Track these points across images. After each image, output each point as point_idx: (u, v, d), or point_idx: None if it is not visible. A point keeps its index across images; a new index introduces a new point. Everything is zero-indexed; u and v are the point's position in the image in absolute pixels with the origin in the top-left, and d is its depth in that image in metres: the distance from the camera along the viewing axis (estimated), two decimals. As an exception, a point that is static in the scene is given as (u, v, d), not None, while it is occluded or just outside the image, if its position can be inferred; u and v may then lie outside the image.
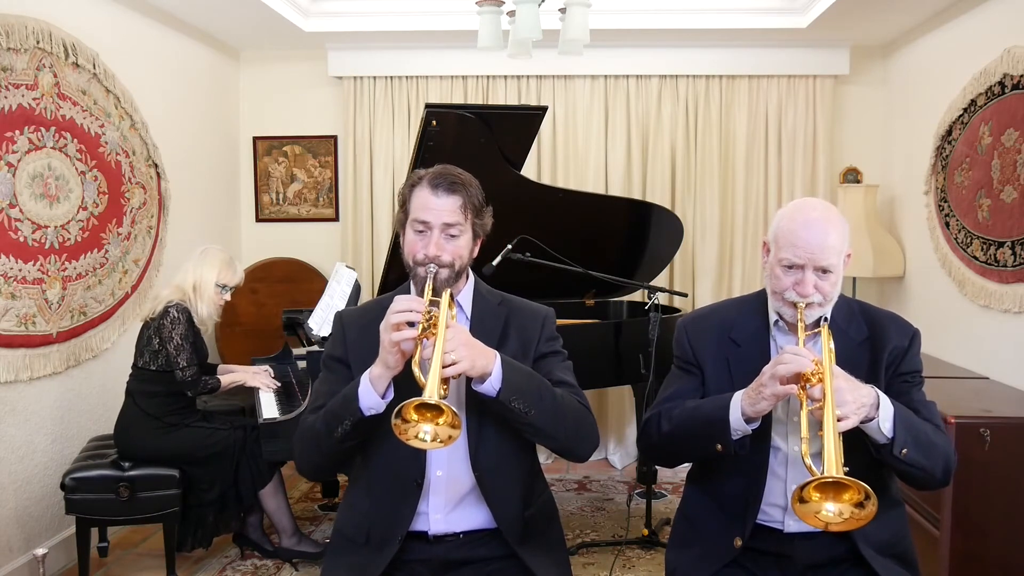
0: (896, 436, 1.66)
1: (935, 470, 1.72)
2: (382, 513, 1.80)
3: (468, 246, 1.80)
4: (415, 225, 1.76)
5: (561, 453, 1.80)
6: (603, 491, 4.36)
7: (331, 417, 1.72)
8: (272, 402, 3.35)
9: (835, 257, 1.73)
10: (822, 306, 1.76)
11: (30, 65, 3.12)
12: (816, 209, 1.77)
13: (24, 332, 3.12)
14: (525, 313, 1.89)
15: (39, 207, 3.19)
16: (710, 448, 1.76)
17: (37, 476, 3.26)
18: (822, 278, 1.73)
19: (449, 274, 1.75)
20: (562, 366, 1.87)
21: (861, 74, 4.82)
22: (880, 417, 1.65)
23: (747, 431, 1.73)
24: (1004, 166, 3.43)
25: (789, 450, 1.80)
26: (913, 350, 1.83)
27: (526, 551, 1.80)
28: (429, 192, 1.75)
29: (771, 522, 1.83)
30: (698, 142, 4.82)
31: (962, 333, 3.80)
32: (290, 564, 3.38)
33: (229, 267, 3.33)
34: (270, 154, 5.10)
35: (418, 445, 1.54)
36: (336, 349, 1.86)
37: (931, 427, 1.75)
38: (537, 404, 1.68)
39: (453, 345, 1.58)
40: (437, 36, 4.61)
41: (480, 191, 1.82)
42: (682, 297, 4.10)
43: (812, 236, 1.71)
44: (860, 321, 1.85)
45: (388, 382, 1.67)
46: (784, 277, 1.75)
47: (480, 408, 1.74)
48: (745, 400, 1.71)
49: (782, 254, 1.75)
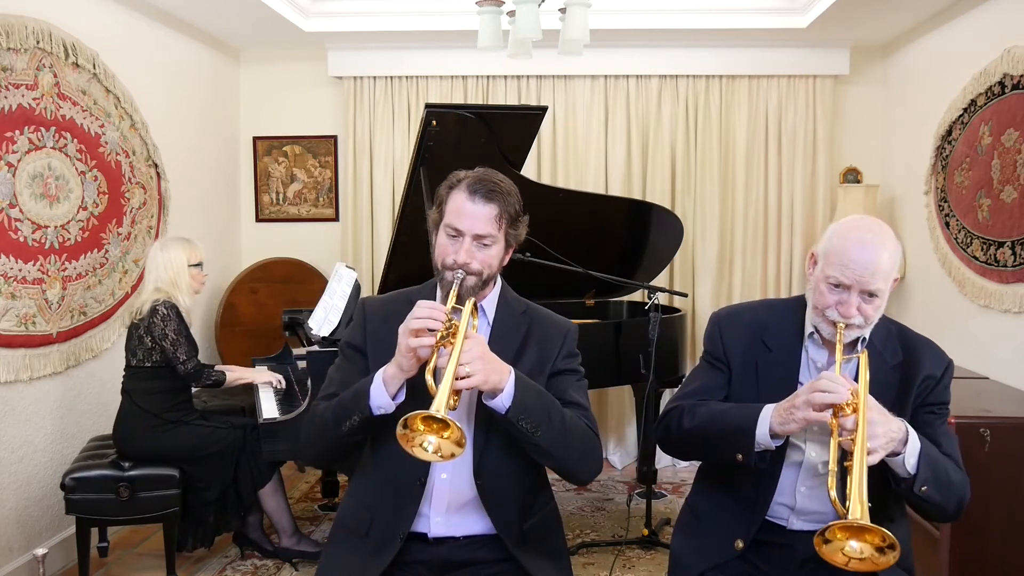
0: (919, 473, 1.64)
1: (948, 507, 1.72)
2: (384, 508, 1.79)
3: (499, 255, 1.78)
4: (448, 230, 1.74)
5: (563, 475, 1.78)
6: (603, 491, 4.36)
7: (340, 410, 1.71)
8: (272, 402, 3.35)
9: (883, 282, 1.69)
10: (862, 328, 1.73)
11: (30, 65, 3.12)
12: (871, 231, 1.71)
13: (24, 332, 3.12)
14: (548, 326, 1.87)
15: (39, 207, 3.19)
16: (730, 455, 1.75)
17: (37, 476, 3.26)
18: (867, 301, 1.69)
19: (476, 282, 1.73)
20: (577, 386, 1.84)
21: (861, 74, 4.82)
22: (907, 453, 1.63)
23: (771, 447, 1.71)
24: (1004, 166, 3.43)
25: (806, 454, 1.79)
26: (945, 381, 1.80)
27: (526, 556, 1.80)
28: (466, 197, 1.73)
29: (777, 519, 1.84)
30: (698, 142, 4.82)
31: (962, 333, 3.80)
32: (290, 564, 3.38)
33: (190, 244, 3.34)
34: (270, 154, 5.10)
35: (420, 455, 1.53)
36: (356, 337, 1.85)
37: (952, 465, 1.73)
38: (545, 426, 1.66)
39: (469, 358, 1.57)
40: (437, 36, 4.61)
41: (518, 200, 1.79)
42: (682, 297, 4.10)
43: (864, 258, 1.67)
44: (896, 345, 1.82)
45: (401, 384, 1.66)
46: (828, 295, 1.71)
47: (488, 420, 1.73)
48: (775, 418, 1.68)
49: (830, 271, 1.70)
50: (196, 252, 3.33)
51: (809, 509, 1.80)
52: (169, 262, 3.25)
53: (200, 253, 3.36)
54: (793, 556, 1.82)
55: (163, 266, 3.25)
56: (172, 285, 3.24)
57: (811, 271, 1.80)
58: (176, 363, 3.17)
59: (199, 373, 3.21)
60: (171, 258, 3.26)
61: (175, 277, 3.24)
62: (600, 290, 4.17)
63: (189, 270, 3.28)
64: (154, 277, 3.26)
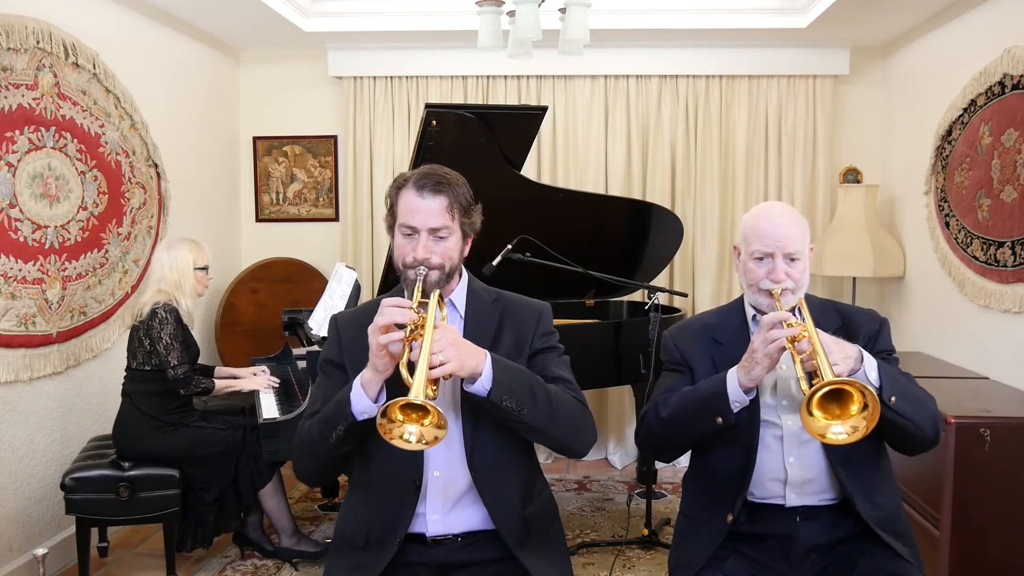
0: (883, 385, 1.74)
1: (924, 424, 1.80)
2: (380, 515, 1.79)
3: (458, 247, 1.79)
4: (403, 229, 1.76)
5: (558, 450, 1.80)
6: (603, 491, 4.36)
7: (325, 423, 1.72)
8: (272, 402, 3.35)
9: (800, 245, 1.88)
10: (795, 293, 1.87)
11: (30, 65, 3.12)
12: (776, 206, 1.98)
13: (24, 332, 3.12)
14: (520, 309, 1.88)
15: (39, 207, 3.19)
16: (710, 424, 1.83)
17: (37, 476, 3.26)
18: (791, 265, 1.87)
19: (439, 276, 1.74)
20: (558, 361, 1.86)
21: (861, 74, 4.83)
22: (866, 367, 1.75)
23: (745, 401, 1.81)
24: (1004, 166, 3.43)
25: (784, 426, 1.87)
26: (884, 332, 1.96)
27: (525, 552, 1.79)
28: (415, 194, 1.74)
29: (772, 498, 1.88)
30: (698, 142, 4.82)
31: (962, 333, 3.80)
32: (290, 564, 3.38)
33: (197, 247, 3.32)
34: (270, 154, 5.10)
35: (402, 445, 1.54)
36: (331, 352, 1.86)
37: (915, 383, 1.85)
38: (529, 402, 1.67)
39: (441, 346, 1.57)
40: (437, 36, 4.61)
41: (468, 189, 1.80)
42: (682, 297, 4.10)
43: (777, 227, 1.88)
44: (834, 315, 1.97)
45: (380, 386, 1.66)
46: (757, 269, 1.89)
47: (475, 409, 1.74)
48: (740, 371, 1.80)
49: (752, 247, 1.89)
50: (203, 255, 3.32)
51: (803, 478, 1.87)
52: (175, 263, 3.24)
53: (207, 256, 3.34)
54: (795, 548, 1.85)
55: (168, 266, 3.24)
56: (175, 287, 3.22)
57: (738, 261, 1.98)
58: (167, 367, 3.14)
59: (187, 380, 3.18)
60: (177, 259, 3.24)
61: (179, 279, 3.23)
62: (600, 290, 4.17)
63: (194, 273, 3.27)
64: (158, 277, 3.25)
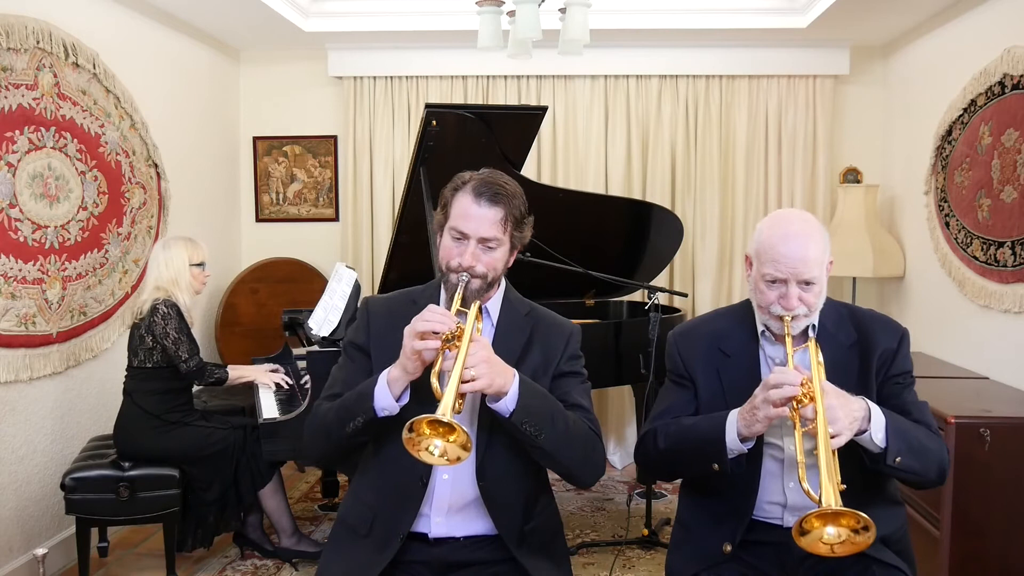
0: (889, 446, 1.67)
1: (929, 473, 1.74)
2: (386, 507, 1.79)
3: (504, 258, 1.78)
4: (453, 232, 1.74)
5: (566, 478, 1.79)
6: (603, 491, 4.36)
7: (344, 412, 1.71)
8: (272, 402, 3.35)
9: (817, 269, 1.74)
10: (808, 316, 1.78)
11: (30, 65, 3.12)
12: (795, 223, 1.78)
13: (24, 332, 3.12)
14: (551, 328, 1.87)
15: (39, 207, 3.19)
16: (706, 468, 1.78)
17: (37, 476, 3.26)
18: (805, 290, 1.75)
19: (481, 285, 1.73)
20: (580, 388, 1.84)
21: (861, 74, 4.83)
22: (872, 428, 1.66)
23: (743, 450, 1.74)
24: (1004, 166, 3.43)
25: (786, 449, 1.81)
26: (903, 351, 1.85)
27: (527, 556, 1.79)
28: (472, 200, 1.72)
29: (770, 519, 1.85)
30: (698, 142, 4.82)
31: (962, 333, 3.80)
32: (290, 564, 3.38)
33: (192, 244, 3.33)
34: (270, 154, 5.10)
35: (427, 459, 1.53)
36: (359, 336, 1.84)
37: (924, 431, 1.76)
38: (548, 429, 1.66)
39: (475, 361, 1.57)
40: (437, 36, 4.61)
41: (524, 202, 1.79)
42: (682, 297, 4.10)
43: (792, 251, 1.73)
44: (849, 326, 1.86)
45: (405, 386, 1.66)
46: (768, 292, 1.77)
47: (492, 422, 1.73)
48: (741, 422, 1.72)
49: (764, 269, 1.76)
50: (198, 252, 3.33)
51: (802, 504, 1.81)
52: (170, 260, 3.25)
53: (203, 253, 3.35)
54: (790, 554, 1.82)
55: (164, 264, 3.25)
56: (172, 283, 3.23)
57: (749, 273, 1.85)
58: (178, 361, 3.16)
59: (202, 371, 3.22)
60: (172, 256, 3.26)
61: (175, 275, 3.24)
62: (600, 290, 4.17)
63: (191, 269, 3.28)
64: (155, 275, 3.26)
